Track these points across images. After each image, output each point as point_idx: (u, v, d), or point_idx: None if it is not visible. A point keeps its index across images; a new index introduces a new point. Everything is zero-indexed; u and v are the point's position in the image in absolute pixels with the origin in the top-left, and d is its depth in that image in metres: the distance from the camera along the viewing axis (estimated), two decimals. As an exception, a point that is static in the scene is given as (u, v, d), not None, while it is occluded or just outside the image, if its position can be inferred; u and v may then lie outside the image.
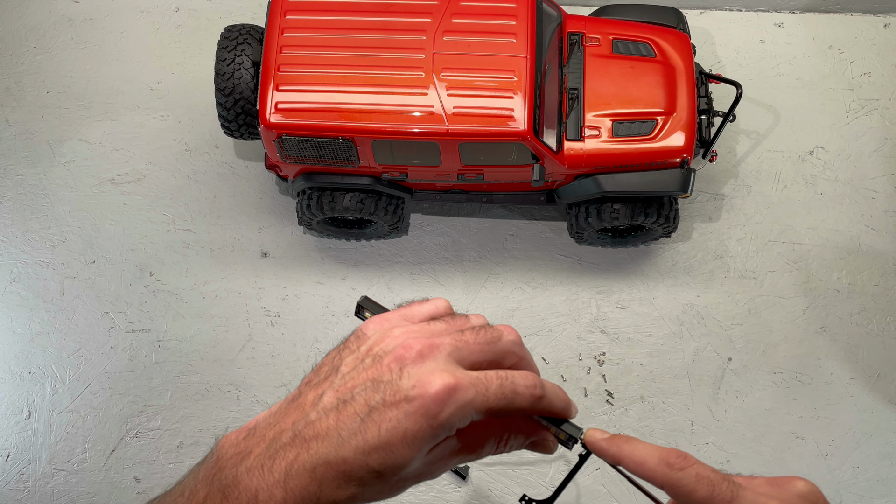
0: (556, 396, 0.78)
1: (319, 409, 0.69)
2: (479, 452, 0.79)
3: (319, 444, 0.67)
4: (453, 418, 0.68)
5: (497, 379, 0.72)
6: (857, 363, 2.50)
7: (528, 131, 2.15)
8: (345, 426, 0.67)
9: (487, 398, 0.70)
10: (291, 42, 2.22)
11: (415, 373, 0.68)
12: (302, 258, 2.62)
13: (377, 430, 0.67)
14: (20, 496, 2.42)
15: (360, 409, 0.68)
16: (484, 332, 0.76)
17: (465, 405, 0.68)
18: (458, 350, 0.72)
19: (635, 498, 2.51)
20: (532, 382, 0.74)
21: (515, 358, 0.78)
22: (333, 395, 0.70)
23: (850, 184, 2.66)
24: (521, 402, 0.73)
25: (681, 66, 2.33)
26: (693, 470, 0.71)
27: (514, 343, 0.78)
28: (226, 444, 0.73)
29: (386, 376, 0.69)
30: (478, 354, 0.74)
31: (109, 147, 2.74)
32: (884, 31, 2.84)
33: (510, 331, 0.78)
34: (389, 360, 0.70)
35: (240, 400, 2.49)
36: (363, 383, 0.69)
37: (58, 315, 2.57)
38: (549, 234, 2.63)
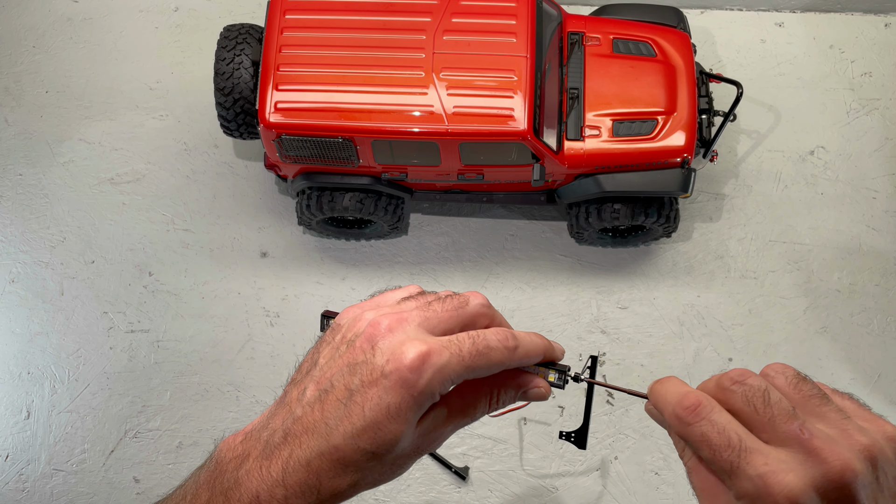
0: (532, 343, 0.80)
1: (304, 403, 0.70)
2: (473, 415, 0.80)
3: (310, 437, 0.68)
4: (433, 383, 0.68)
5: (469, 338, 0.72)
6: (857, 363, 2.49)
7: (528, 131, 2.15)
8: (330, 415, 0.68)
9: (462, 357, 0.71)
10: (291, 41, 2.22)
11: (387, 347, 0.69)
12: (302, 258, 2.62)
13: (361, 412, 0.67)
14: (19, 497, 2.41)
15: (341, 395, 0.69)
16: (451, 300, 0.77)
17: (441, 368, 0.69)
18: (427, 320, 0.73)
19: (636, 498, 2.52)
20: (503, 335, 0.75)
21: (486, 320, 0.79)
22: (314, 388, 0.71)
23: (851, 183, 2.66)
24: (497, 356, 0.74)
25: (681, 66, 2.33)
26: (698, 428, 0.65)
27: (482, 305, 0.79)
28: (224, 448, 0.74)
29: (360, 357, 0.70)
30: (447, 321, 0.75)
31: (108, 147, 2.74)
32: (885, 30, 2.83)
33: (476, 295, 0.79)
34: (361, 341, 0.71)
35: (239, 400, 2.49)
36: (340, 370, 0.70)
37: (57, 315, 2.56)
38: (549, 233, 2.63)
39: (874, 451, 0.62)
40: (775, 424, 0.63)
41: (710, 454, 0.64)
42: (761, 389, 0.66)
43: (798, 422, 0.63)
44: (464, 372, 0.71)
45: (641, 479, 2.40)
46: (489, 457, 2.42)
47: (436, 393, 0.70)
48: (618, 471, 2.40)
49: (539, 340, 0.82)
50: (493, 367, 0.74)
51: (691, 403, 0.67)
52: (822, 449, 0.60)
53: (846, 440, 0.62)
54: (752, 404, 0.66)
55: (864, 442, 0.62)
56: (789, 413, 0.64)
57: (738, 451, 0.63)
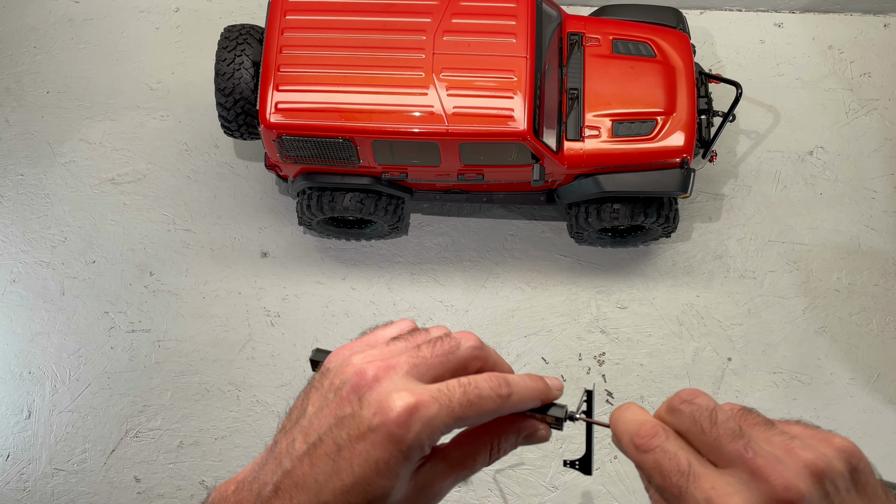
0: (527, 388, 0.75)
1: (293, 456, 0.68)
2: (473, 466, 0.76)
3: (299, 493, 0.67)
4: (421, 437, 0.66)
5: (459, 387, 0.69)
6: (856, 363, 2.50)
7: (527, 131, 2.15)
8: (319, 470, 0.67)
9: (452, 409, 0.68)
10: (291, 42, 2.23)
11: (374, 399, 0.67)
12: (302, 258, 2.62)
13: (350, 468, 0.66)
14: (20, 496, 2.42)
15: (329, 450, 0.67)
16: (440, 344, 0.73)
17: (429, 421, 0.66)
18: (415, 367, 0.70)
19: (636, 498, 2.52)
20: (496, 383, 0.71)
21: (479, 362, 0.76)
22: (303, 440, 0.69)
23: (850, 184, 2.66)
24: (488, 405, 0.70)
25: (681, 67, 2.33)
26: (651, 456, 0.66)
27: (473, 348, 0.75)
28: (217, 498, 0.72)
29: (347, 409, 0.68)
30: (437, 367, 0.72)
31: (109, 147, 2.74)
32: (883, 31, 2.84)
33: (468, 336, 0.75)
34: (347, 390, 0.69)
35: (240, 400, 2.49)
36: (328, 422, 0.68)
37: (58, 315, 2.57)
38: (548, 234, 2.63)
39: (820, 465, 0.61)
40: (720, 444, 0.63)
41: (661, 481, 0.64)
42: (709, 409, 0.66)
43: (743, 441, 0.62)
44: (454, 423, 0.68)
45: (640, 478, 2.40)
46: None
47: (425, 445, 0.67)
48: (617, 470, 2.41)
49: (534, 384, 0.77)
50: (484, 416, 0.71)
51: (647, 433, 0.67)
52: (765, 468, 0.60)
53: (791, 459, 0.62)
54: (698, 423, 0.65)
55: (809, 458, 0.61)
56: (735, 432, 0.63)
57: (686, 476, 0.63)
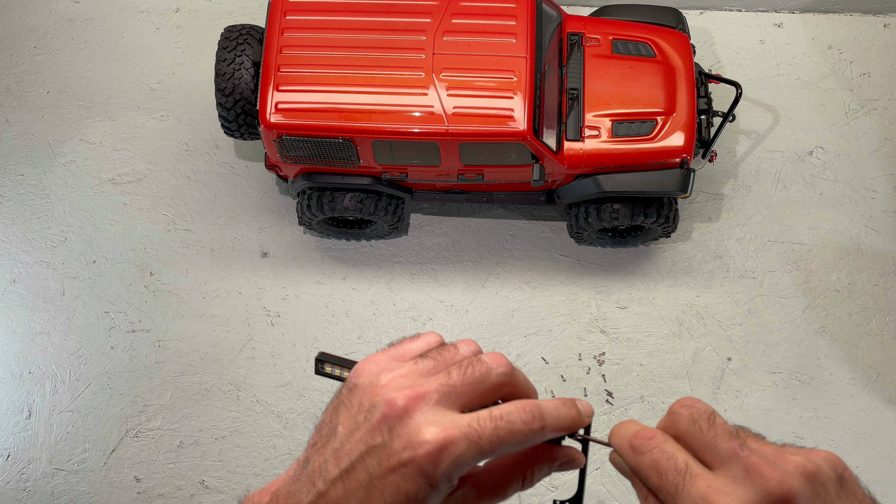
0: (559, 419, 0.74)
1: (327, 479, 0.70)
2: (504, 494, 0.77)
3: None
4: (451, 471, 0.67)
5: (491, 422, 0.69)
6: (856, 363, 2.50)
7: (527, 131, 2.15)
8: (353, 497, 0.69)
9: (482, 446, 0.68)
10: (291, 42, 2.23)
11: (405, 431, 0.68)
12: (302, 258, 2.62)
13: (381, 498, 0.68)
14: (20, 496, 2.42)
15: (362, 479, 0.69)
16: (472, 371, 0.73)
17: (459, 458, 0.67)
18: (445, 396, 0.71)
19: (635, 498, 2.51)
20: (529, 416, 0.71)
21: (508, 388, 0.75)
22: (335, 463, 0.71)
23: (850, 184, 2.66)
24: (519, 439, 0.70)
25: (680, 67, 2.33)
26: (650, 456, 0.69)
27: (504, 375, 0.74)
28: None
29: (378, 439, 0.69)
30: (468, 395, 0.72)
31: (110, 147, 2.75)
32: (883, 31, 2.84)
33: (498, 361, 0.75)
34: (378, 419, 0.70)
35: (240, 400, 2.49)
36: (359, 450, 0.70)
37: (58, 315, 2.57)
38: (548, 234, 2.63)
39: (810, 467, 0.65)
40: (717, 443, 0.66)
41: (657, 480, 0.67)
42: (707, 412, 0.69)
43: (738, 441, 0.66)
44: (483, 457, 0.69)
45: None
46: (489, 456, 2.42)
47: (454, 478, 0.69)
48: (617, 470, 2.41)
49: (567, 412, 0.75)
50: (514, 448, 0.71)
51: (645, 435, 0.70)
52: (760, 466, 0.64)
53: (783, 461, 0.65)
54: (697, 424, 0.68)
55: (800, 461, 0.65)
56: (731, 433, 0.67)
57: (683, 475, 0.66)
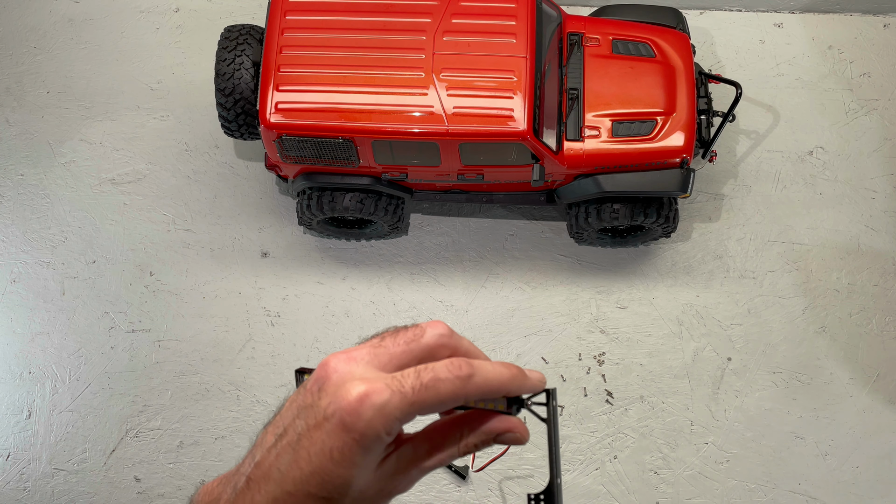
0: (493, 373, 0.72)
1: (264, 447, 0.70)
2: (441, 458, 0.75)
3: (266, 483, 0.68)
4: (374, 424, 0.66)
5: (414, 373, 0.68)
6: (856, 363, 2.50)
7: (527, 131, 2.15)
8: (282, 460, 0.68)
9: (405, 394, 0.66)
10: (291, 42, 2.23)
11: (331, 389, 0.68)
12: (302, 258, 2.62)
13: (308, 457, 0.67)
14: (20, 496, 2.42)
15: (291, 440, 0.68)
16: (404, 334, 0.72)
17: (381, 407, 0.65)
18: (376, 356, 0.70)
19: (635, 498, 2.52)
20: (455, 364, 0.69)
21: (447, 351, 0.73)
22: (273, 432, 0.70)
23: (850, 184, 2.66)
24: (447, 388, 0.68)
25: (680, 67, 2.33)
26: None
27: (439, 336, 0.73)
28: (202, 492, 0.73)
29: (308, 400, 0.69)
30: (400, 357, 0.71)
31: (110, 147, 2.75)
32: (883, 31, 2.84)
33: (434, 324, 0.74)
34: (311, 383, 0.70)
35: (240, 400, 2.49)
36: (292, 413, 0.70)
37: (58, 315, 2.57)
38: (548, 234, 2.63)
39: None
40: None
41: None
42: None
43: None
44: (409, 409, 0.67)
45: (641, 478, 2.40)
46: (489, 456, 2.42)
47: (381, 434, 0.66)
48: (617, 470, 2.41)
49: (504, 370, 0.73)
50: (444, 400, 0.68)
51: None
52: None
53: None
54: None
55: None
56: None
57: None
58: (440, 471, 2.39)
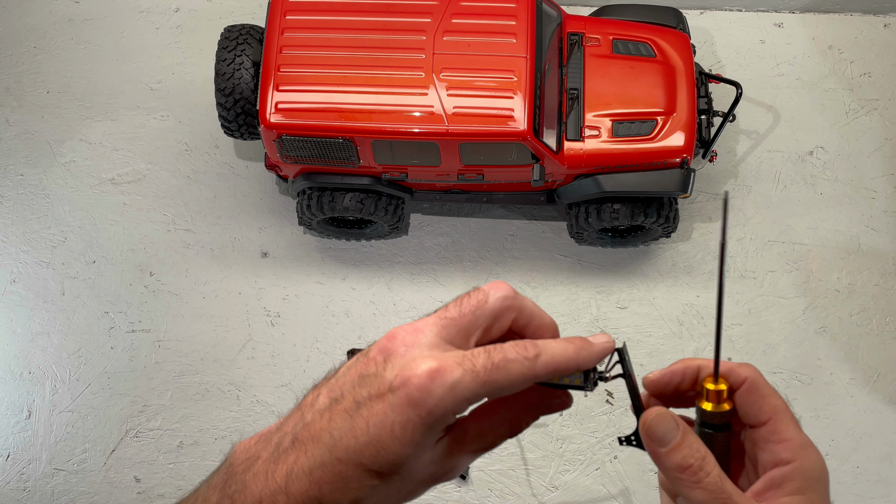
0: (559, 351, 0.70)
1: (315, 409, 0.67)
2: (493, 441, 0.73)
3: (315, 446, 0.65)
4: (444, 403, 0.63)
5: (484, 352, 0.66)
6: (856, 363, 2.50)
7: (527, 131, 2.15)
8: (336, 426, 0.65)
9: (476, 373, 0.64)
10: (291, 42, 2.23)
11: (398, 362, 0.65)
12: (302, 258, 2.62)
13: (366, 427, 0.64)
14: (20, 496, 2.42)
15: (349, 406, 0.65)
16: (468, 301, 0.69)
17: (453, 386, 0.63)
18: (443, 329, 0.67)
19: (635, 498, 2.52)
20: (521, 346, 0.67)
21: (512, 313, 0.71)
22: (327, 395, 0.68)
23: (850, 184, 2.66)
24: (517, 368, 0.66)
25: (681, 66, 2.33)
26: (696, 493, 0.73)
27: (504, 298, 0.69)
28: (239, 449, 0.71)
29: (372, 369, 0.66)
30: (467, 327, 0.68)
31: (109, 147, 2.74)
32: (883, 31, 2.84)
33: (498, 286, 0.70)
34: (375, 352, 0.67)
35: (240, 400, 2.49)
36: (352, 379, 0.67)
37: (58, 315, 2.57)
38: (548, 234, 2.63)
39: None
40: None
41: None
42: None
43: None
44: (480, 389, 0.64)
45: (641, 478, 2.40)
46: (489, 456, 2.42)
47: (448, 413, 0.64)
48: (617, 470, 2.41)
49: (569, 347, 0.71)
50: (514, 381, 0.66)
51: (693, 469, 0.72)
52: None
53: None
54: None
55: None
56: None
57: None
58: (440, 471, 2.39)
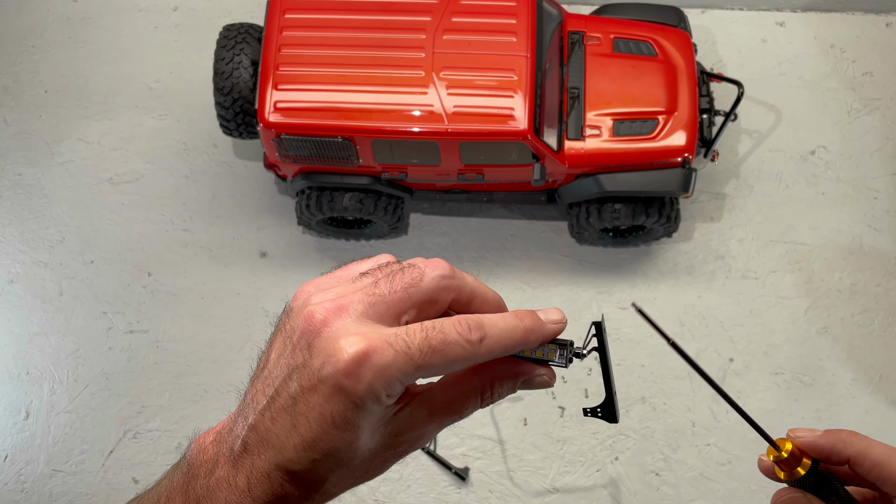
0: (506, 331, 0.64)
1: (256, 409, 0.65)
2: (461, 411, 0.69)
3: (265, 449, 0.64)
4: (375, 387, 0.59)
5: (421, 331, 0.60)
6: (859, 364, 2.48)
7: (528, 131, 2.14)
8: (280, 426, 0.63)
9: (411, 356, 0.60)
10: (290, 41, 2.21)
11: (323, 346, 0.61)
12: (301, 258, 2.61)
13: (307, 423, 0.61)
14: (18, 497, 2.41)
15: (286, 404, 0.63)
16: (401, 276, 0.63)
17: (383, 370, 0.59)
18: (371, 306, 0.62)
19: (636, 499, 2.51)
20: (465, 326, 0.62)
21: (450, 294, 0.65)
22: (263, 392, 0.65)
23: (852, 183, 2.65)
24: (456, 352, 0.61)
25: (682, 65, 2.32)
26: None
27: (441, 278, 0.64)
28: (196, 449, 0.69)
29: (298, 358, 0.62)
30: (398, 304, 0.62)
31: (107, 146, 2.73)
32: (885, 30, 2.82)
33: (436, 264, 0.64)
34: (297, 336, 0.63)
35: (239, 401, 2.48)
36: (282, 373, 0.64)
37: (56, 315, 2.56)
38: (549, 234, 2.62)
39: None
40: None
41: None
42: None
43: None
44: (414, 372, 0.60)
45: (642, 479, 2.39)
46: (489, 457, 2.41)
47: (381, 396, 0.60)
48: (618, 471, 2.40)
49: (517, 323, 0.66)
50: (453, 364, 0.62)
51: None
52: None
53: None
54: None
55: None
56: None
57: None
58: (440, 472, 2.38)
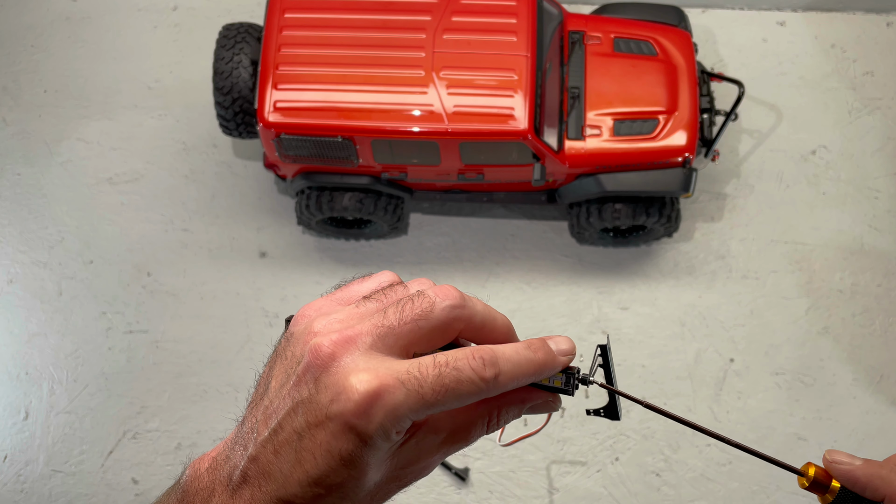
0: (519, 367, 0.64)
1: (257, 442, 0.63)
2: (467, 439, 0.68)
3: (267, 482, 0.62)
4: (386, 427, 0.59)
5: (434, 368, 0.59)
6: (859, 364, 2.48)
7: (528, 130, 2.13)
8: (283, 460, 0.61)
9: (423, 396, 0.59)
10: (290, 40, 2.21)
11: (331, 382, 0.59)
12: (301, 258, 2.61)
13: (313, 460, 0.60)
14: (17, 497, 2.40)
15: (290, 438, 0.61)
16: (411, 307, 0.62)
17: (395, 409, 0.58)
18: (380, 338, 0.61)
19: (636, 500, 2.50)
20: (479, 363, 0.61)
21: (461, 324, 0.64)
22: (264, 423, 0.63)
23: (853, 183, 2.65)
24: (468, 389, 0.60)
25: (682, 65, 2.32)
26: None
27: (450, 308, 0.63)
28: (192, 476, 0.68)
29: (304, 392, 0.61)
30: (407, 336, 0.62)
31: (107, 146, 2.73)
32: (886, 29, 2.82)
33: (446, 292, 0.63)
34: (302, 369, 0.61)
35: (238, 401, 2.48)
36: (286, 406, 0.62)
37: (55, 316, 2.55)
38: (549, 233, 2.62)
39: None
40: None
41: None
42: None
43: None
44: (425, 410, 0.59)
45: (642, 480, 2.39)
46: (489, 458, 2.41)
47: (391, 434, 0.60)
48: (619, 472, 2.39)
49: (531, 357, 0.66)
50: (464, 401, 0.61)
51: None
52: None
53: None
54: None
55: None
56: None
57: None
58: (440, 472, 2.38)
